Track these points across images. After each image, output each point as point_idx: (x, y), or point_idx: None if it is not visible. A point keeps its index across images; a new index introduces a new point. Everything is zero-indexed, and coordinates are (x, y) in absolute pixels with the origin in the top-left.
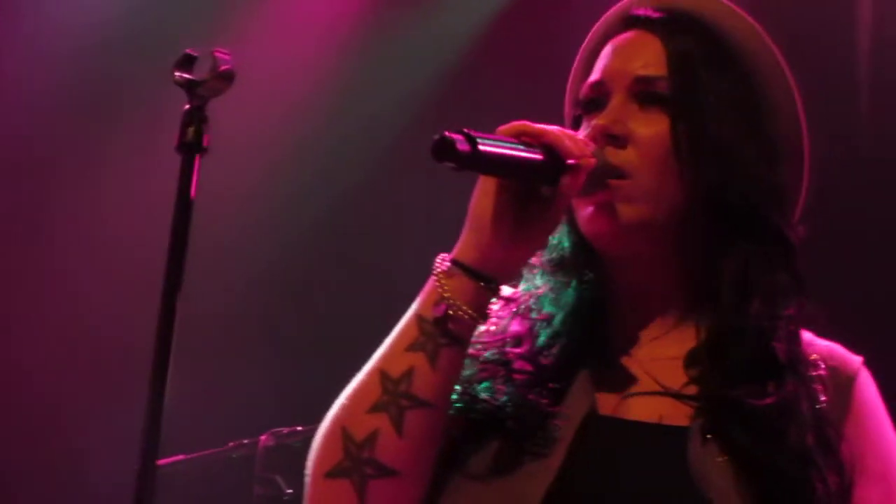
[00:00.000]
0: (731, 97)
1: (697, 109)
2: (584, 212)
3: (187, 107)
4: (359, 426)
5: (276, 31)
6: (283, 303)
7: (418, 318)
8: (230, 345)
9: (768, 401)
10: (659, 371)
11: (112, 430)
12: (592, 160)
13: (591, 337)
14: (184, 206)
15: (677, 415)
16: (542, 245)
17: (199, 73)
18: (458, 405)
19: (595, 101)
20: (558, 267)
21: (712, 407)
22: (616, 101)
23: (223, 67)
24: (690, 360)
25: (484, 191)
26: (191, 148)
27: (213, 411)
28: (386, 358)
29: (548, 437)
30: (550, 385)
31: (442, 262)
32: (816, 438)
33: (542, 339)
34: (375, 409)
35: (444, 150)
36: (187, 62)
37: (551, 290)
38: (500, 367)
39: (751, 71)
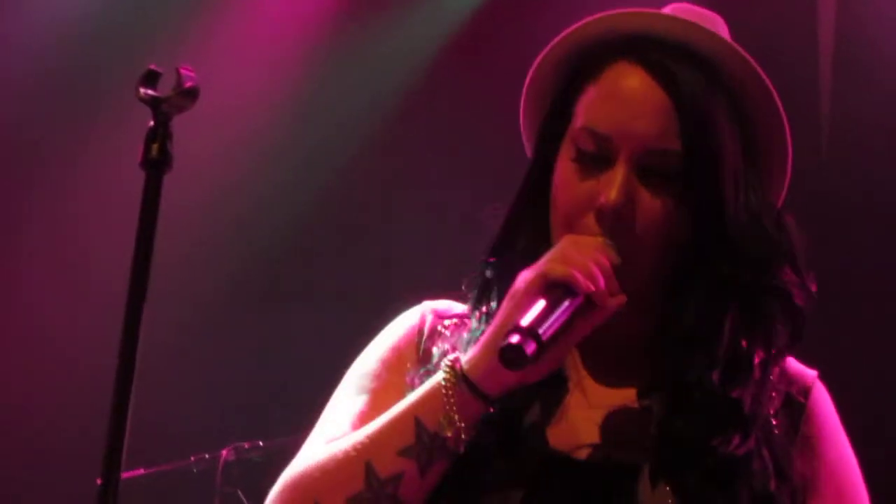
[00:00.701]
0: (739, 165)
1: (708, 188)
2: None
3: (151, 123)
4: None
5: (241, 39)
6: (246, 316)
7: (417, 422)
8: (192, 358)
9: (729, 450)
10: (615, 410)
11: (74, 443)
12: (623, 299)
13: (552, 376)
14: (148, 223)
15: (631, 454)
16: (543, 376)
17: (164, 89)
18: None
19: (594, 155)
20: None
21: (667, 449)
22: (622, 173)
23: (187, 84)
24: (648, 401)
25: (510, 314)
26: (155, 165)
27: (175, 425)
28: (376, 454)
29: (504, 476)
30: (506, 423)
31: (452, 365)
32: (773, 480)
33: None
34: (355, 501)
35: (514, 359)
36: (151, 78)
37: None
38: None
39: (752, 120)
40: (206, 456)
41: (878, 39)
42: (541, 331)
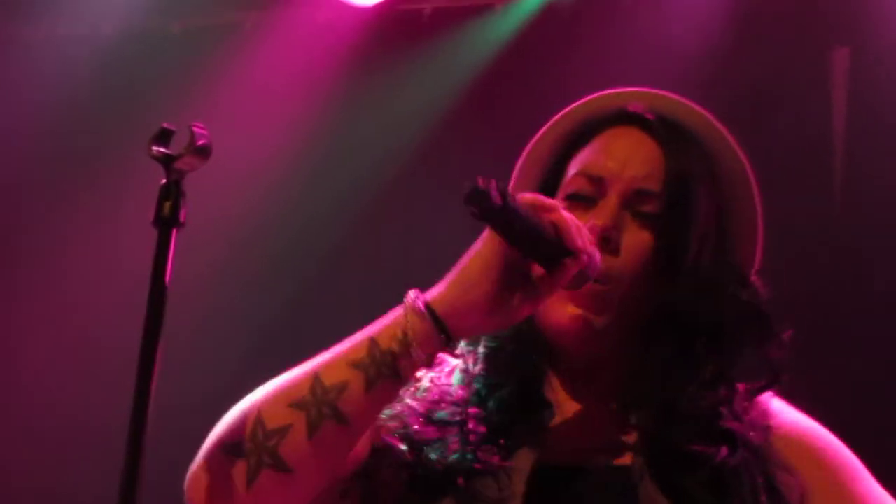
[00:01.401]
0: (711, 226)
1: (682, 236)
2: (561, 311)
3: (164, 181)
4: (274, 416)
5: (252, 92)
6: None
7: (371, 340)
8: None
9: (718, 460)
10: (600, 426)
11: None
12: (591, 254)
13: (535, 399)
14: (159, 281)
15: (623, 462)
16: (511, 324)
17: (176, 147)
18: (405, 463)
19: (586, 196)
20: (511, 342)
21: (660, 457)
22: (613, 205)
23: (200, 142)
24: (632, 418)
25: (481, 253)
26: (167, 223)
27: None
28: (324, 365)
29: (501, 493)
30: (501, 442)
31: (415, 299)
32: (764, 494)
33: (491, 404)
34: (296, 405)
35: (476, 197)
36: (164, 136)
37: (499, 356)
38: (453, 426)
39: (728, 195)
40: None
41: (889, 97)
42: (510, 200)
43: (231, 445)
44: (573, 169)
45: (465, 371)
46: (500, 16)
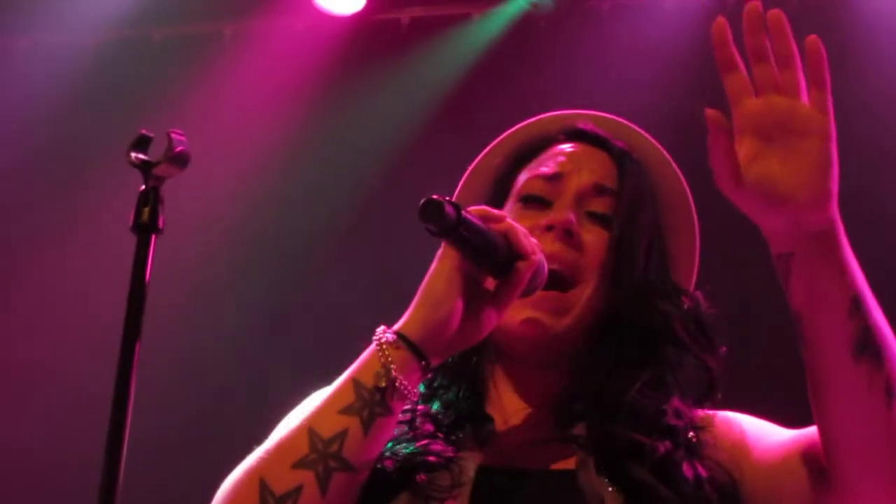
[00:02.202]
0: (653, 237)
1: (633, 240)
2: (518, 316)
3: (142, 188)
4: (280, 481)
5: (233, 100)
6: (239, 378)
7: (355, 382)
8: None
9: (660, 454)
10: (541, 429)
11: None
12: (541, 257)
13: (477, 404)
14: (138, 287)
15: (562, 463)
16: (479, 338)
17: (155, 153)
18: None
19: (541, 198)
20: None
21: (602, 447)
22: (570, 202)
23: (178, 149)
24: (572, 414)
25: (440, 272)
26: (146, 229)
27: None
28: (316, 418)
29: (450, 485)
30: (450, 438)
31: (384, 332)
32: (705, 491)
33: (436, 405)
34: (301, 465)
35: (431, 211)
36: (142, 143)
37: (445, 369)
38: (401, 424)
39: (669, 216)
40: None
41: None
42: (464, 213)
43: None
44: (525, 175)
45: None
46: (477, 25)
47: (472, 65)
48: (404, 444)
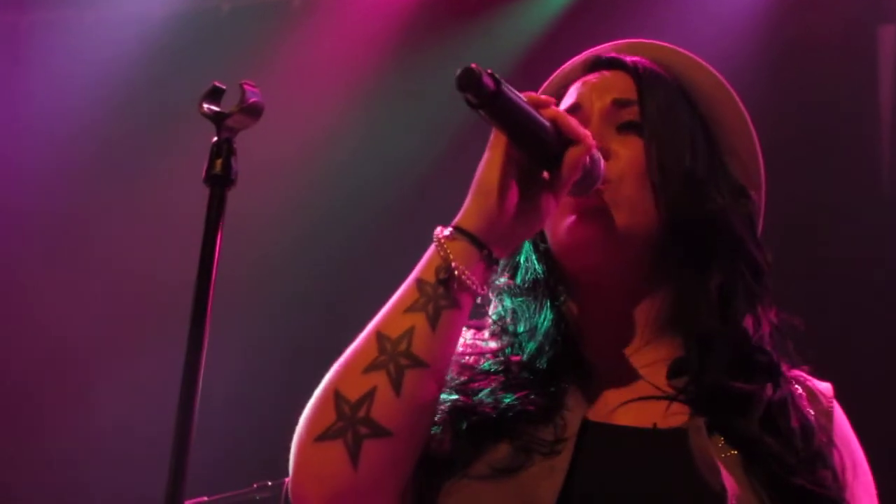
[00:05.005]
0: (696, 133)
1: (668, 138)
2: (567, 220)
3: (215, 139)
4: (354, 386)
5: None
6: (312, 340)
7: (418, 281)
8: (256, 383)
9: (767, 393)
10: (644, 380)
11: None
12: (594, 143)
13: (571, 352)
14: (211, 238)
15: (670, 420)
16: (540, 225)
17: (227, 105)
18: (458, 411)
19: None
20: (531, 290)
21: (710, 402)
22: (596, 121)
23: (251, 100)
24: (675, 366)
25: (491, 161)
26: (218, 180)
27: (238, 451)
28: (383, 320)
29: (553, 440)
30: (549, 388)
31: (442, 230)
32: (815, 438)
33: (528, 353)
34: (372, 368)
35: (469, 80)
36: (215, 94)
37: (525, 311)
38: (497, 375)
39: (713, 116)
40: (269, 483)
41: None
42: (504, 87)
43: (321, 433)
44: None
45: (494, 323)
46: None
47: (538, 36)
48: (503, 394)
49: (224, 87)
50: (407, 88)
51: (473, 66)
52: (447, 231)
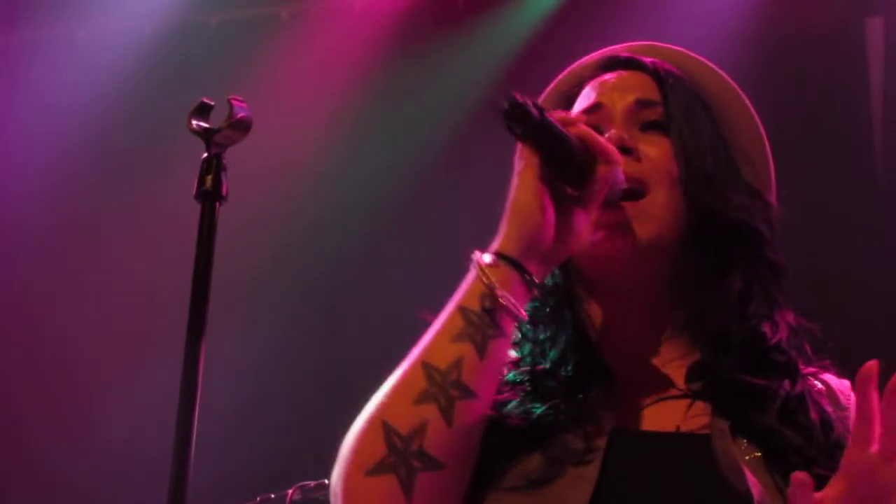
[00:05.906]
0: (715, 136)
1: (691, 139)
2: (596, 235)
3: (205, 155)
4: (404, 418)
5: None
6: (312, 355)
7: (462, 309)
8: (257, 396)
9: (784, 388)
10: (665, 382)
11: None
12: (620, 158)
13: (593, 358)
14: (204, 252)
15: (692, 422)
16: (577, 242)
17: (216, 121)
18: (489, 424)
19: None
20: (551, 296)
21: (729, 400)
22: (619, 121)
23: (239, 115)
24: (694, 368)
25: (524, 183)
26: (209, 196)
27: (241, 464)
28: (429, 349)
29: (583, 448)
30: (576, 396)
31: (481, 256)
32: (834, 431)
33: (550, 360)
34: (422, 399)
35: (516, 113)
36: (203, 110)
37: (545, 317)
38: (523, 384)
39: (726, 120)
40: (272, 496)
41: None
42: (547, 116)
43: (373, 467)
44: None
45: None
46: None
47: (529, 39)
48: (531, 404)
49: (212, 104)
50: (396, 99)
51: (518, 97)
52: (487, 258)
